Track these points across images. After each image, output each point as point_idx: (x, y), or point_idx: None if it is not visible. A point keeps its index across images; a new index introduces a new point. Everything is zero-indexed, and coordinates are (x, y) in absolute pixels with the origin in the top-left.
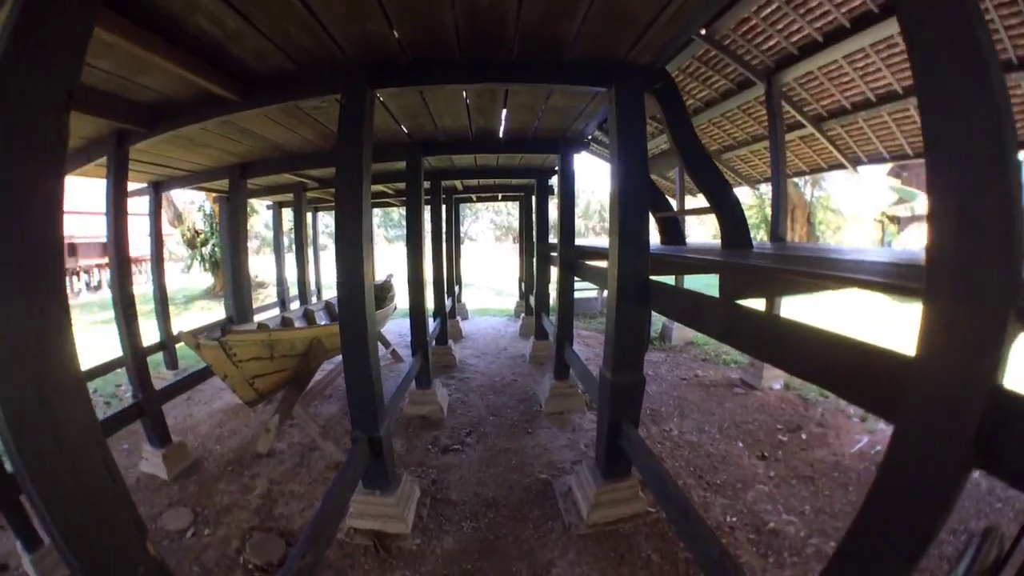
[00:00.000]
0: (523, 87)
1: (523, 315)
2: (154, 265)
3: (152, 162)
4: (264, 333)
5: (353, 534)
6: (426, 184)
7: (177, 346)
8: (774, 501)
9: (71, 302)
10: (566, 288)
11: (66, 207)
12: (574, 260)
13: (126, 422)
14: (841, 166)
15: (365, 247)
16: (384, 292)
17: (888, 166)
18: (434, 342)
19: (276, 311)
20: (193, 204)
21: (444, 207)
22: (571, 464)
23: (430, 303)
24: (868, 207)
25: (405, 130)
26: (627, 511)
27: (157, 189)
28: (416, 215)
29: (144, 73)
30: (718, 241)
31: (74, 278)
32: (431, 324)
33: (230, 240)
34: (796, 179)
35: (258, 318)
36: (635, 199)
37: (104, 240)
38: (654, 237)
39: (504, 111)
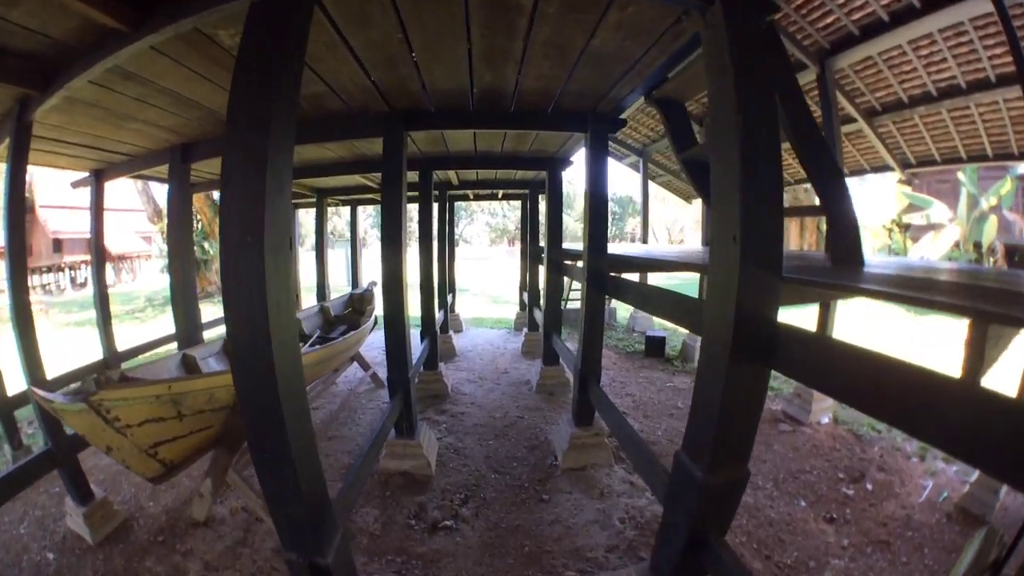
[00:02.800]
0: None
1: (526, 330)
2: (94, 267)
3: (81, 143)
4: (161, 385)
5: None
6: (413, 176)
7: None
8: None
9: (54, 299)
10: (594, 312)
11: (52, 201)
12: (606, 275)
13: (34, 477)
14: (886, 168)
15: (269, 260)
16: (363, 305)
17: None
18: (422, 367)
19: None
20: None
21: (436, 204)
22: (605, 553)
23: (415, 314)
24: (875, 214)
25: (380, 90)
26: None
27: (99, 177)
28: (394, 208)
29: (15, 6)
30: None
31: (59, 274)
32: (416, 348)
33: (171, 239)
34: (806, 184)
35: (211, 334)
36: (768, 179)
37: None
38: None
39: (524, 56)
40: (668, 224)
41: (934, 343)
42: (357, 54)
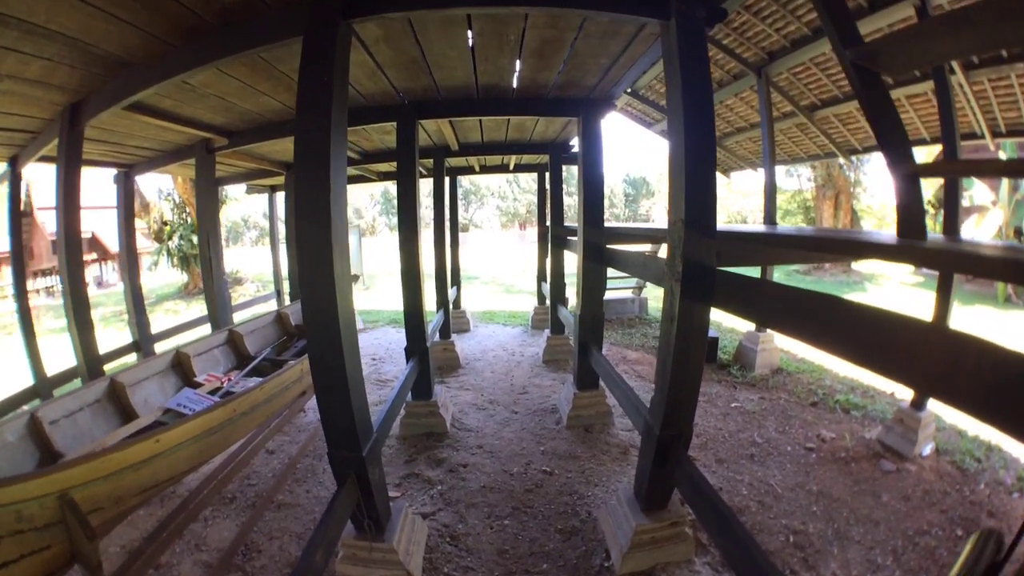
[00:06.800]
0: None
1: (547, 332)
2: (14, 275)
3: None
4: None
5: None
6: (390, 139)
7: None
8: None
9: (54, 302)
10: (689, 337)
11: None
12: (710, 272)
13: None
14: (972, 135)
15: None
16: None
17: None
18: (410, 396)
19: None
20: (161, 192)
21: (433, 178)
22: None
23: (395, 326)
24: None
25: None
26: None
27: (14, 164)
28: (317, 163)
29: None
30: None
31: (57, 277)
32: (400, 369)
33: (62, 234)
34: (840, 161)
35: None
36: None
37: (90, 235)
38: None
39: None
40: None
41: None
42: None
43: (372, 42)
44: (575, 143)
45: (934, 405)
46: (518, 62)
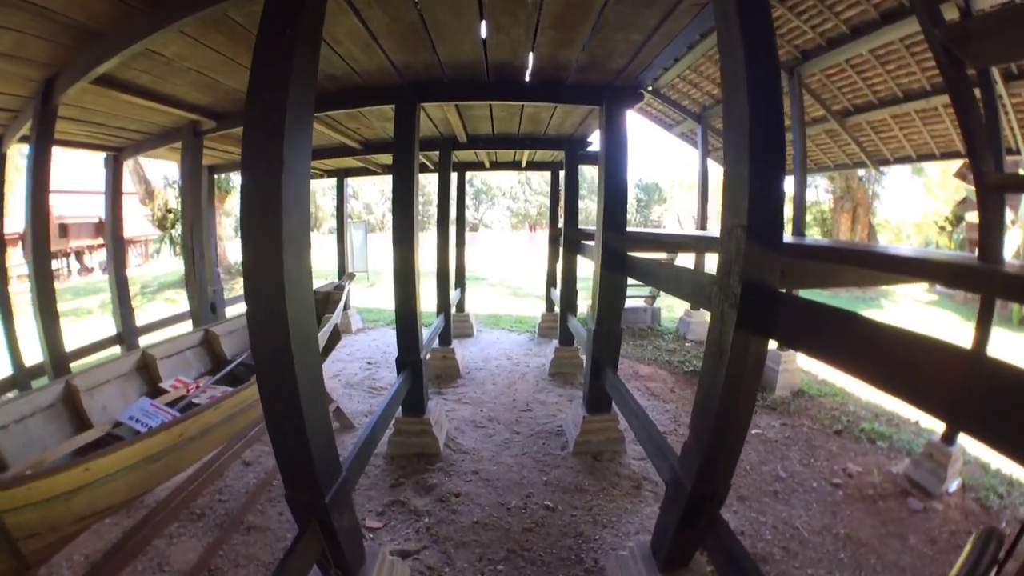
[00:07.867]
0: None
1: (555, 342)
2: None
3: None
4: None
5: None
6: (390, 112)
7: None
8: None
9: (59, 285)
10: (742, 382)
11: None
12: (777, 300)
13: None
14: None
15: None
16: (328, 308)
17: (956, 164)
18: (401, 411)
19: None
20: (167, 180)
21: (437, 172)
22: None
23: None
24: (921, 207)
25: None
26: None
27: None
28: (270, 135)
29: None
30: None
31: (66, 260)
32: (393, 383)
33: (32, 220)
34: (860, 173)
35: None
36: None
37: (97, 220)
38: None
39: None
40: (694, 214)
41: None
42: None
43: (363, 3)
44: (593, 140)
45: (963, 438)
46: (536, 35)
